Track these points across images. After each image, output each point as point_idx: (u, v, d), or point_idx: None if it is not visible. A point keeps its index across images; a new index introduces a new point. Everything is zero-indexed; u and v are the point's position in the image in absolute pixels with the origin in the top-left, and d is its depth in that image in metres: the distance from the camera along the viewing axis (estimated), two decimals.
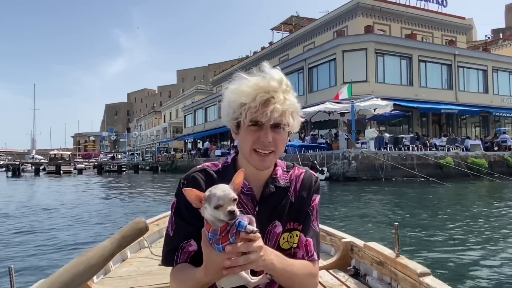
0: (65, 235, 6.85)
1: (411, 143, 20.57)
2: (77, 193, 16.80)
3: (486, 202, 10.84)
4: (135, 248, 3.25)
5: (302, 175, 1.22)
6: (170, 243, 1.14)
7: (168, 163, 42.14)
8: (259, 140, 1.07)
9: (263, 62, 1.12)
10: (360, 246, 2.32)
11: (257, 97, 1.03)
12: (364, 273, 2.27)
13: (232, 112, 1.09)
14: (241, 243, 0.92)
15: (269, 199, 1.15)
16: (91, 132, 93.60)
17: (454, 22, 34.13)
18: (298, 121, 1.13)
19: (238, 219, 0.92)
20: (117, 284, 2.43)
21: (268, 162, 1.10)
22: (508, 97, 29.52)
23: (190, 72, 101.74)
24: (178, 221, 1.13)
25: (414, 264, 1.81)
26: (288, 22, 40.32)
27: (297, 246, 1.17)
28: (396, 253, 1.95)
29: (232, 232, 0.91)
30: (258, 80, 1.07)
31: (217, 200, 0.91)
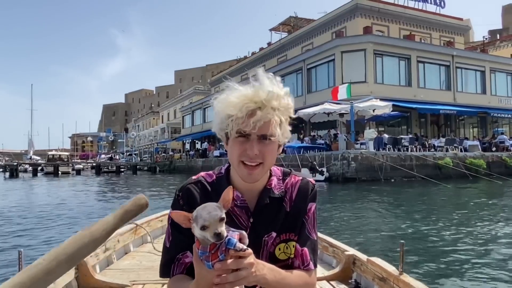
0: None
1: (410, 143, 20.63)
2: (78, 194, 16.76)
3: (487, 205, 10.74)
4: (138, 242, 3.30)
5: (298, 183, 1.20)
6: (166, 254, 1.15)
7: (167, 163, 42.11)
8: (245, 152, 1.05)
9: (258, 69, 1.09)
10: (363, 260, 2.31)
11: (243, 108, 1.02)
12: (365, 287, 2.26)
13: (220, 122, 1.08)
14: (231, 260, 0.91)
15: (264, 211, 1.13)
16: (88, 133, 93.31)
17: (452, 23, 34.26)
18: (286, 132, 1.10)
19: (228, 237, 0.91)
20: (119, 276, 2.43)
21: (255, 175, 1.08)
22: (506, 98, 29.65)
23: (188, 72, 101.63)
24: (174, 233, 1.13)
25: (417, 283, 1.79)
26: (287, 23, 40.35)
27: (294, 256, 1.16)
28: (399, 270, 1.94)
29: (222, 249, 0.91)
30: (246, 90, 1.05)
31: (203, 222, 0.90)
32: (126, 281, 2.32)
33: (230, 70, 48.28)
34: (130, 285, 2.29)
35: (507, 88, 29.98)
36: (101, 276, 2.29)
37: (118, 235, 2.86)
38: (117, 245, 2.84)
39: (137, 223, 3.25)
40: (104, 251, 2.62)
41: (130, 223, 3.16)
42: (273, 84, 1.07)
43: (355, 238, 6.36)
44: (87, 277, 2.19)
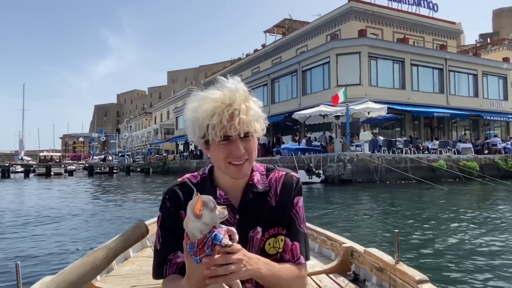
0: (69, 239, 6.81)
1: (404, 146, 20.83)
2: (74, 196, 16.63)
3: (482, 205, 11.00)
4: (138, 248, 3.27)
5: (283, 178, 1.21)
6: (157, 256, 1.17)
7: (160, 164, 41.93)
8: (231, 153, 1.07)
9: (219, 77, 1.10)
10: (360, 251, 2.34)
11: (224, 114, 1.03)
12: (363, 278, 2.29)
13: (198, 131, 1.08)
14: (219, 256, 0.93)
15: (248, 206, 1.15)
16: (80, 133, 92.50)
17: (445, 26, 34.65)
18: (263, 125, 1.13)
19: (214, 232, 0.94)
20: (119, 282, 2.44)
21: (244, 170, 1.10)
22: (497, 101, 30.05)
23: (181, 73, 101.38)
24: (164, 234, 1.16)
25: (413, 271, 1.82)
26: (281, 25, 40.47)
27: (283, 250, 1.17)
28: (395, 259, 1.97)
29: (208, 244, 0.93)
30: (218, 95, 1.05)
31: (213, 204, 0.95)
32: (126, 287, 2.33)
33: (224, 71, 48.17)
34: None
35: (498, 92, 30.39)
36: (101, 284, 2.28)
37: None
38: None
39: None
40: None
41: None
42: (234, 82, 1.08)
43: (352, 233, 6.45)
44: (87, 286, 2.21)
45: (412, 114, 24.87)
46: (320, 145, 21.61)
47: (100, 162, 47.96)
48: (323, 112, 20.55)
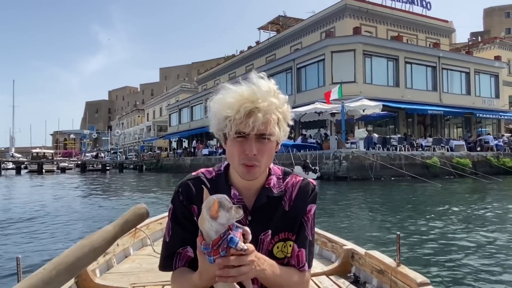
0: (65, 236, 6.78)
1: (399, 143, 21.00)
2: (70, 192, 16.50)
3: (477, 203, 11.09)
4: (138, 246, 3.27)
5: (299, 183, 1.20)
6: (167, 249, 1.17)
7: (153, 162, 41.72)
8: (244, 153, 1.06)
9: (251, 72, 1.10)
10: (361, 254, 2.34)
11: (241, 108, 1.02)
12: (364, 280, 2.29)
13: (217, 123, 1.09)
14: (233, 258, 0.94)
15: (262, 209, 1.14)
16: (71, 130, 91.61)
17: (438, 25, 34.91)
18: (285, 130, 1.11)
19: (230, 235, 0.94)
20: (119, 280, 2.44)
21: (254, 173, 1.09)
22: (489, 99, 30.42)
23: (173, 70, 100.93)
24: (174, 227, 1.15)
25: (414, 274, 1.81)
26: (275, 22, 40.42)
27: (291, 256, 1.17)
28: (397, 262, 1.96)
29: (223, 246, 0.94)
30: (243, 90, 1.05)
31: (230, 204, 0.95)
32: (126, 284, 2.33)
33: (217, 68, 48.12)
34: (130, 287, 2.31)
35: (490, 90, 30.77)
36: (101, 280, 2.30)
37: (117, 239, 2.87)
38: (116, 249, 2.84)
39: (136, 226, 3.27)
40: (104, 255, 2.61)
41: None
42: (268, 82, 1.09)
43: (352, 233, 6.53)
44: (87, 282, 2.19)
45: (406, 111, 25.07)
46: (315, 142, 21.69)
47: (92, 159, 47.60)
48: (318, 109, 20.62)
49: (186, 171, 32.04)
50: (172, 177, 27.95)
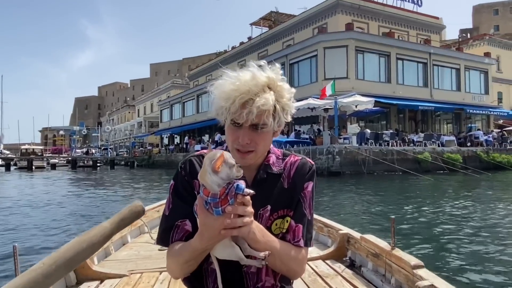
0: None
1: (391, 138, 21.20)
2: (63, 188, 16.37)
3: (468, 194, 11.38)
4: (136, 233, 3.33)
5: (298, 162, 1.23)
6: (165, 222, 1.17)
7: (145, 158, 41.50)
8: (237, 140, 1.09)
9: (251, 62, 1.11)
10: (356, 238, 2.38)
11: (236, 100, 1.04)
12: (359, 264, 2.33)
13: (215, 109, 1.12)
14: (240, 206, 0.97)
15: (261, 185, 1.16)
16: (60, 127, 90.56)
17: (429, 21, 35.20)
18: (280, 121, 1.12)
19: (235, 183, 0.97)
20: (117, 267, 2.47)
21: (248, 160, 1.12)
22: (479, 95, 30.82)
23: (164, 66, 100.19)
24: (176, 200, 1.17)
25: (408, 257, 1.86)
26: (268, 18, 40.35)
27: (286, 231, 1.18)
28: (391, 245, 2.00)
29: (231, 194, 0.96)
30: (240, 81, 1.06)
31: (232, 159, 0.98)
32: (124, 271, 2.36)
33: (209, 64, 47.91)
34: (128, 274, 2.33)
35: (480, 86, 31.16)
36: (99, 268, 2.32)
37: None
38: (114, 237, 2.80)
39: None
40: None
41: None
42: (268, 72, 1.09)
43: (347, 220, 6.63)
44: (85, 269, 2.22)
45: (398, 107, 25.28)
46: (308, 138, 21.78)
47: (83, 155, 47.16)
48: (311, 105, 20.69)
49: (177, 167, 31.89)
50: (164, 173, 27.84)
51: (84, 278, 2.23)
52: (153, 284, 2.23)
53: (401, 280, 1.88)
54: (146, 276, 2.34)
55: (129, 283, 2.24)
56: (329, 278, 2.18)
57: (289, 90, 1.13)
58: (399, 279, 1.89)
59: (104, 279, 2.25)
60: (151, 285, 2.22)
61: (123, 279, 2.27)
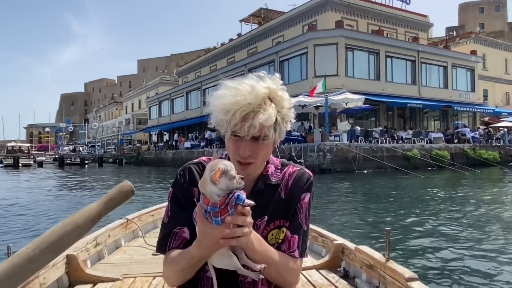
0: None
1: (380, 136, 21.42)
2: (54, 186, 16.14)
3: (458, 194, 11.45)
4: (129, 237, 3.29)
5: (296, 173, 1.22)
6: (164, 229, 1.19)
7: (134, 155, 41.09)
8: (238, 152, 1.09)
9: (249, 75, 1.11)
10: (351, 248, 2.37)
11: (237, 113, 1.04)
12: (353, 275, 2.32)
13: (215, 120, 1.11)
14: (240, 216, 0.97)
15: (259, 196, 1.16)
16: (46, 123, 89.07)
17: (417, 19, 35.54)
18: (281, 132, 1.12)
19: (236, 193, 0.97)
20: (110, 271, 2.45)
21: (248, 171, 1.12)
22: (465, 93, 31.30)
23: (152, 62, 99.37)
24: (174, 207, 1.17)
25: (402, 269, 1.86)
26: (257, 15, 40.26)
27: (282, 242, 1.18)
28: (386, 257, 1.99)
29: (231, 204, 0.96)
30: (241, 94, 1.05)
31: (234, 171, 0.97)
32: (117, 275, 2.34)
33: (198, 61, 47.64)
34: (122, 278, 2.31)
35: (466, 83, 31.65)
36: (92, 271, 2.31)
37: (109, 230, 2.88)
38: (108, 240, 2.85)
39: (128, 217, 3.29)
40: (95, 246, 2.62)
41: (121, 218, 3.20)
42: (268, 82, 1.09)
43: (342, 227, 6.69)
44: (78, 272, 2.21)
45: (387, 104, 25.53)
46: (299, 135, 21.87)
47: (70, 153, 46.53)
48: (302, 102, 20.74)
49: (168, 164, 31.79)
50: (154, 170, 27.68)
51: (76, 280, 2.21)
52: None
53: None
54: (139, 281, 2.32)
55: (122, 287, 2.22)
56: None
57: (289, 100, 1.14)
58: None
59: (97, 283, 2.23)
60: None
61: (116, 283, 2.25)
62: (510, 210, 8.48)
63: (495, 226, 6.83)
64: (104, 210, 1.11)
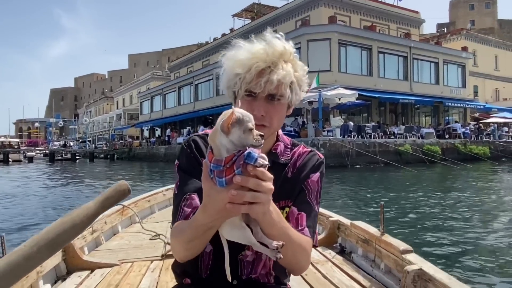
0: None
1: (373, 131, 21.58)
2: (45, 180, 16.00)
3: (451, 186, 11.76)
4: (126, 223, 3.32)
5: (305, 154, 1.16)
6: (176, 200, 1.08)
7: (125, 150, 40.86)
8: (252, 113, 0.95)
9: (266, 32, 1.04)
10: (346, 224, 2.42)
11: (253, 67, 0.99)
12: (349, 250, 2.38)
13: (227, 80, 1.05)
14: (251, 178, 0.80)
15: None
16: (36, 118, 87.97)
17: (409, 15, 35.74)
18: (298, 95, 1.06)
19: (247, 150, 0.79)
20: (108, 256, 2.47)
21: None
22: (456, 89, 31.61)
23: (143, 57, 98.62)
24: (182, 175, 1.09)
25: (397, 242, 1.89)
26: (250, 9, 40.13)
27: (288, 219, 1.06)
28: (381, 231, 2.03)
29: (239, 163, 0.79)
30: (256, 48, 1.01)
31: (250, 122, 0.81)
32: (115, 260, 2.36)
33: (190, 56, 47.38)
34: (119, 263, 2.33)
35: (457, 79, 31.95)
36: (89, 257, 2.32)
37: (105, 217, 2.89)
38: (104, 227, 2.87)
39: (124, 204, 3.30)
40: (92, 232, 2.64)
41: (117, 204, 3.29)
42: (284, 43, 1.04)
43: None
44: (75, 259, 2.22)
45: (379, 100, 25.69)
46: (293, 130, 21.93)
47: (61, 148, 46.08)
48: None
49: (160, 160, 31.65)
50: (146, 166, 27.57)
51: (74, 267, 2.22)
52: (144, 272, 2.22)
53: (390, 265, 1.91)
54: (137, 265, 2.33)
55: (120, 272, 2.23)
56: (319, 265, 2.21)
57: (302, 66, 1.09)
58: (388, 264, 1.91)
59: (95, 269, 2.24)
60: (142, 273, 2.21)
61: (114, 268, 2.27)
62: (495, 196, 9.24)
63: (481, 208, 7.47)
64: (101, 208, 1.12)
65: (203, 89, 34.93)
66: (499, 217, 6.58)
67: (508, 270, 4.07)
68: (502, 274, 3.90)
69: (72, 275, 2.17)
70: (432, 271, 1.59)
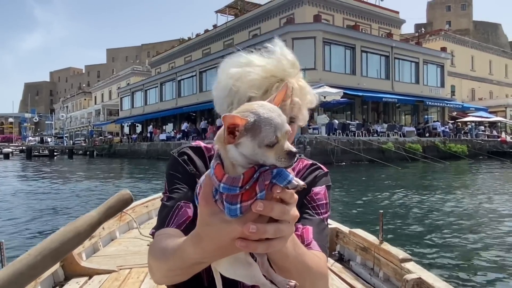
0: None
1: (357, 129, 21.94)
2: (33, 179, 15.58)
3: (437, 184, 12.08)
4: (124, 229, 3.33)
5: (306, 167, 1.01)
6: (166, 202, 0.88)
7: (105, 147, 40.08)
8: None
9: (275, 38, 0.91)
10: (345, 232, 2.44)
11: (272, 88, 0.84)
12: (348, 258, 2.40)
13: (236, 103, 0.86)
14: (277, 204, 0.55)
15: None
16: (9, 113, 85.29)
17: (390, 15, 36.38)
18: (304, 115, 0.95)
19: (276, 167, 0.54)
20: (106, 262, 2.48)
21: None
22: (435, 88, 32.42)
23: (122, 51, 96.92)
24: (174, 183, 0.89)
25: (396, 250, 1.91)
26: (234, 6, 39.95)
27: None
28: (380, 239, 2.04)
29: (263, 183, 0.53)
30: (269, 65, 0.87)
31: (274, 131, 0.52)
32: (113, 267, 2.36)
33: (172, 51, 46.86)
34: (117, 270, 2.33)
35: (436, 79, 32.77)
36: (87, 263, 2.32)
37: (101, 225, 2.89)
38: (102, 233, 2.86)
39: (120, 212, 3.30)
40: (90, 239, 2.63)
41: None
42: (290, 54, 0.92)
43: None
44: (73, 265, 2.20)
45: (363, 99, 26.10)
46: None
47: (38, 144, 44.85)
48: None
49: (142, 157, 31.25)
50: (127, 162, 27.18)
51: (72, 274, 2.20)
52: (142, 279, 2.21)
53: (389, 274, 1.91)
54: (135, 272, 2.33)
55: (118, 278, 2.22)
56: None
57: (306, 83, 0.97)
58: (387, 272, 1.92)
59: (93, 275, 2.23)
60: (140, 280, 2.20)
61: (112, 275, 2.26)
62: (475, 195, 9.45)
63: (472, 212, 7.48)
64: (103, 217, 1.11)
65: (186, 85, 34.61)
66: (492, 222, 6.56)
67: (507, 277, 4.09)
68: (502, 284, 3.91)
69: (70, 281, 2.15)
70: (431, 280, 1.58)
